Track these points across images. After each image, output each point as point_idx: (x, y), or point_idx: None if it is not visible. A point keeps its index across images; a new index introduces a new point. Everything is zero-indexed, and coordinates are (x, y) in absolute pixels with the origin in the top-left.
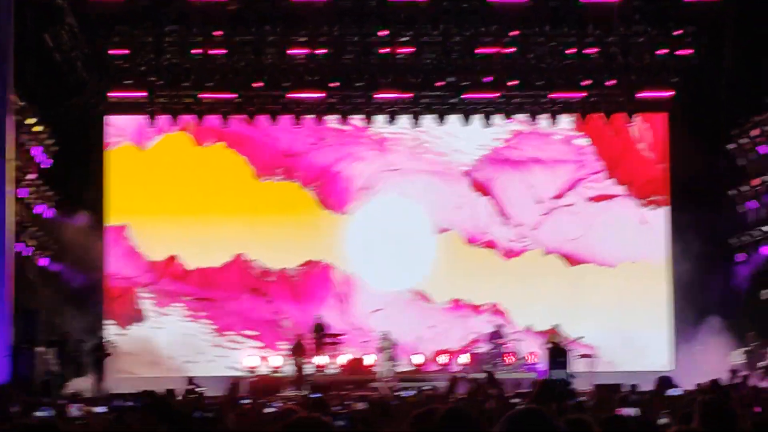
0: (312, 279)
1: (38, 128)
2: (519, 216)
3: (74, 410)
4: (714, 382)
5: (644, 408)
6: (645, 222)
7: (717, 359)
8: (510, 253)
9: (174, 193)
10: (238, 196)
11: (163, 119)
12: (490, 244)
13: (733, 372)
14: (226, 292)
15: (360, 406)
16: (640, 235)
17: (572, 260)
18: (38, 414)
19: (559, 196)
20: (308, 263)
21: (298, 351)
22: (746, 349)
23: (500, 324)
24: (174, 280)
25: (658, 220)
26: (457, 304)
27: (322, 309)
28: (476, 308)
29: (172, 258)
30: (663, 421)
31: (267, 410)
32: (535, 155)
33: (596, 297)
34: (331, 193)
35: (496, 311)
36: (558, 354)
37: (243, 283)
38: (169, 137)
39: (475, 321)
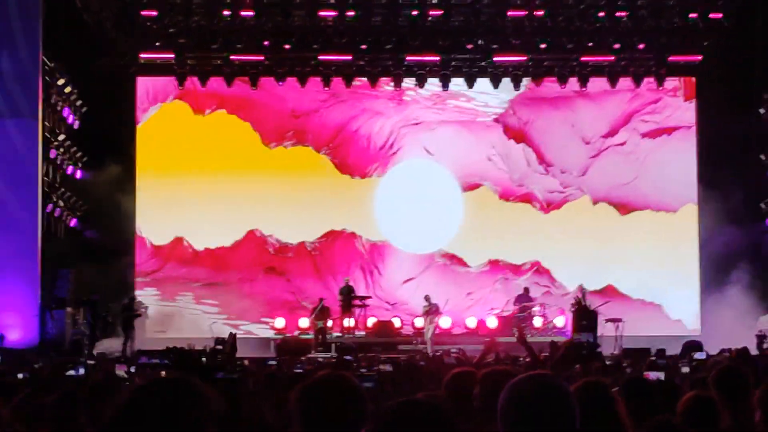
0: (335, 251)
1: (68, 89)
2: (562, 162)
3: (121, 372)
4: (741, 351)
5: (670, 372)
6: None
7: (745, 324)
8: (550, 206)
9: (175, 168)
10: (246, 167)
11: (160, 84)
12: (527, 198)
13: (761, 338)
14: (240, 273)
15: (387, 367)
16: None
17: (624, 208)
18: (69, 373)
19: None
20: (329, 234)
21: (321, 314)
22: None
23: (527, 287)
24: (181, 265)
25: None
26: (495, 266)
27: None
28: (516, 268)
29: (178, 240)
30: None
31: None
32: (578, 88)
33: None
34: (347, 155)
35: (539, 270)
36: (584, 316)
37: (258, 261)
38: (166, 107)
39: (517, 282)
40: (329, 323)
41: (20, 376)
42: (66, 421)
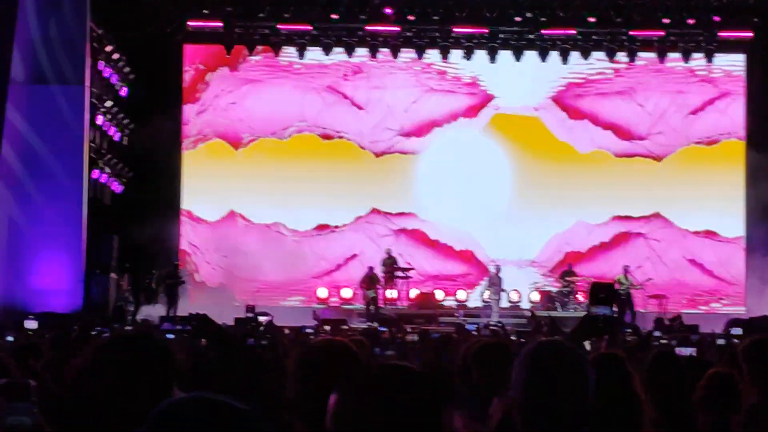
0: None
1: (115, 56)
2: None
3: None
4: None
5: (702, 348)
6: None
7: None
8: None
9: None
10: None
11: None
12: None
13: None
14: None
15: (414, 338)
16: None
17: None
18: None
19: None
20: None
21: (370, 283)
22: None
23: (570, 263)
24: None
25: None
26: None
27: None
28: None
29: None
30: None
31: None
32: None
33: None
34: (373, 128)
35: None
36: (600, 290)
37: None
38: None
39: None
40: (376, 293)
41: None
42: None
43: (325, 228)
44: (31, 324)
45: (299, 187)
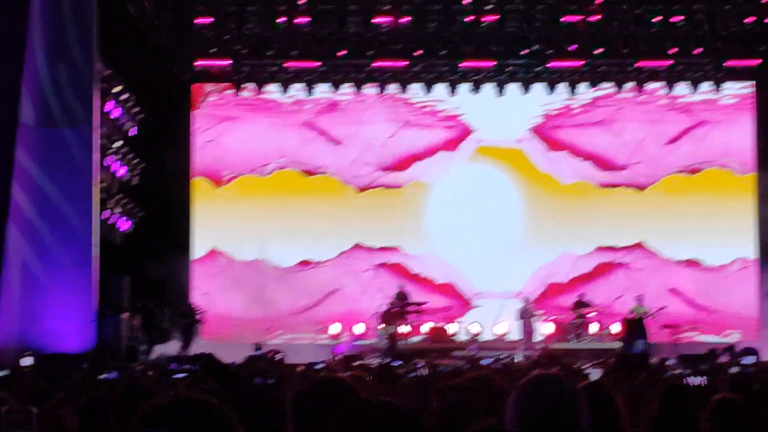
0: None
1: (124, 96)
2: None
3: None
4: None
5: (713, 378)
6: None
7: None
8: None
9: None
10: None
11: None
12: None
13: None
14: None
15: (423, 371)
16: None
17: None
18: (102, 377)
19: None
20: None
21: (390, 319)
22: None
23: (582, 293)
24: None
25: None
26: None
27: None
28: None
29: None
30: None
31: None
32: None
33: None
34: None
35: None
36: (634, 325)
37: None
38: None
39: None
40: (400, 329)
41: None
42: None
43: (308, 264)
44: (26, 361)
45: (282, 224)
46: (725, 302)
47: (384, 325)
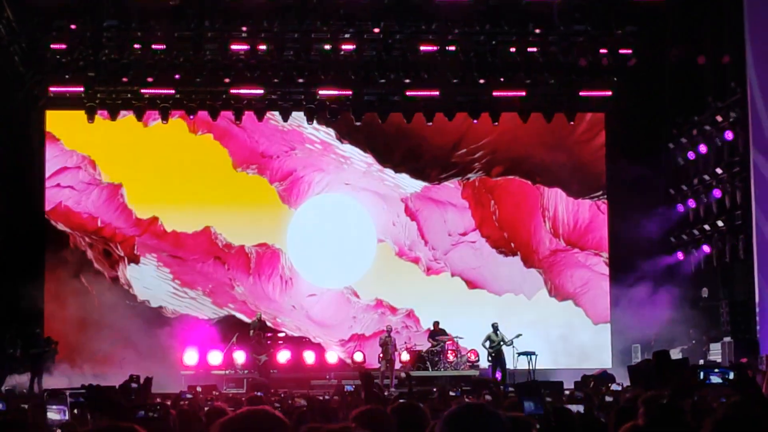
0: (264, 258)
1: None
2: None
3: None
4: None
5: (589, 405)
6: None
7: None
8: (430, 270)
9: (166, 170)
10: (216, 180)
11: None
12: (416, 260)
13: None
14: (194, 254)
15: (301, 402)
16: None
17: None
18: None
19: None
20: (263, 245)
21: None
22: (683, 348)
23: (437, 321)
24: (153, 237)
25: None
26: (379, 303)
27: (269, 285)
28: (393, 310)
29: (155, 218)
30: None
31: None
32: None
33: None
34: (291, 192)
35: (409, 315)
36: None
37: (209, 250)
38: (171, 122)
39: (389, 319)
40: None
41: None
42: None
43: None
44: None
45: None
46: None
47: (254, 354)
